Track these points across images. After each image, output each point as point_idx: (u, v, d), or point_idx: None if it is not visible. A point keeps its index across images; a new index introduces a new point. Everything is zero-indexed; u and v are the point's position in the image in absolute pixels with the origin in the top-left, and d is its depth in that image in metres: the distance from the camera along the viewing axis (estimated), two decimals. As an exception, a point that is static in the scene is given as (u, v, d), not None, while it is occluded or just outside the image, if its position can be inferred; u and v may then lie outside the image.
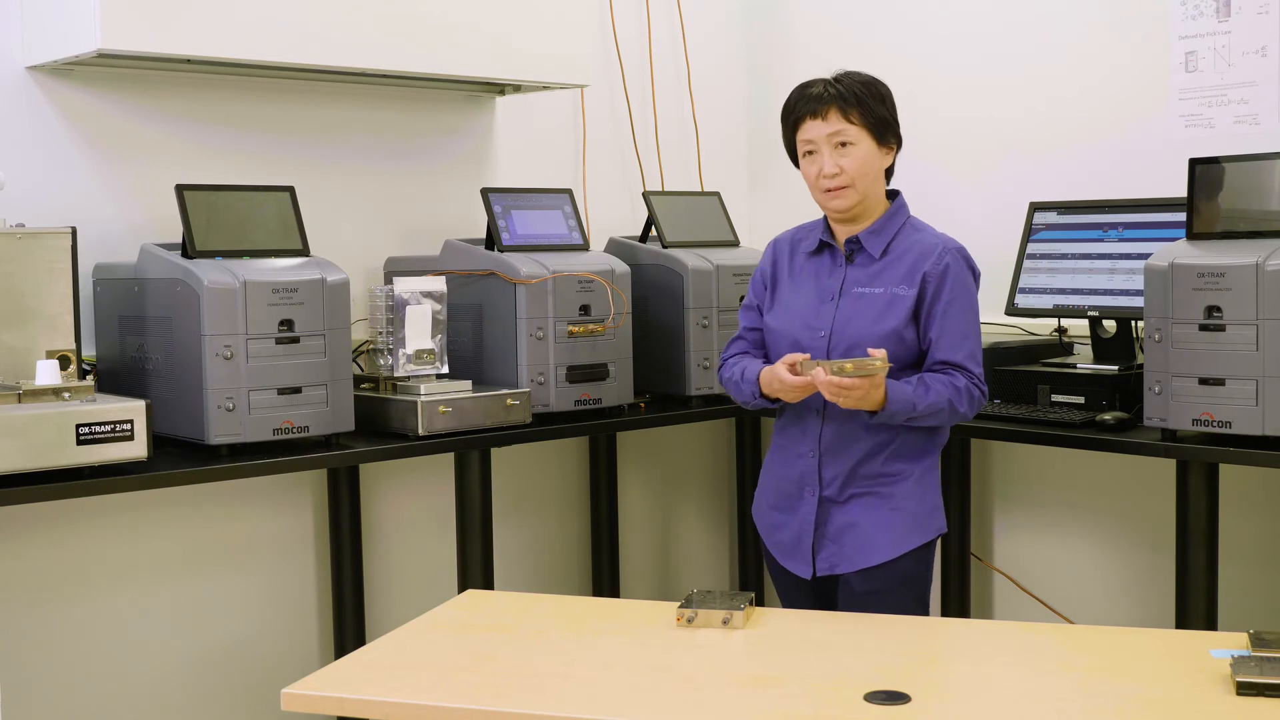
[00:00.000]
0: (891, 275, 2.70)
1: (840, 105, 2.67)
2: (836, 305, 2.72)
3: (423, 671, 2.16)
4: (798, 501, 2.76)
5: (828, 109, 2.68)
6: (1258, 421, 2.78)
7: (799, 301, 2.77)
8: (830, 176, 2.67)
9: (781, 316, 2.79)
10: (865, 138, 2.68)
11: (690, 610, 2.35)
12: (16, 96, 3.12)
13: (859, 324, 2.68)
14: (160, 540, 3.34)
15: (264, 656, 3.51)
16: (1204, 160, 3.01)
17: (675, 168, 4.31)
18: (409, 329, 3.18)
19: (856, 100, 2.67)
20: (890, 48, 4.11)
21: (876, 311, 2.69)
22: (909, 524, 2.70)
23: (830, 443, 2.71)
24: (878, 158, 2.71)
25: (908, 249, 2.72)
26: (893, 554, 2.67)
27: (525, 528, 4.00)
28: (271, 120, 3.49)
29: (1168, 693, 2.00)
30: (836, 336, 2.69)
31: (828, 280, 2.76)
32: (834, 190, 2.69)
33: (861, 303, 2.70)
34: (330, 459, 3.06)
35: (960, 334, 2.67)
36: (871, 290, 2.70)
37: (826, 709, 1.96)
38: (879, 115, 2.69)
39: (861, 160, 2.67)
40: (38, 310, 2.76)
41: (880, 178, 2.73)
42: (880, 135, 2.70)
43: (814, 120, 2.69)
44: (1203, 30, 3.49)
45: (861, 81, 2.71)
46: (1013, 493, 3.93)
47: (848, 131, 2.67)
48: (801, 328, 2.74)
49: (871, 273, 2.72)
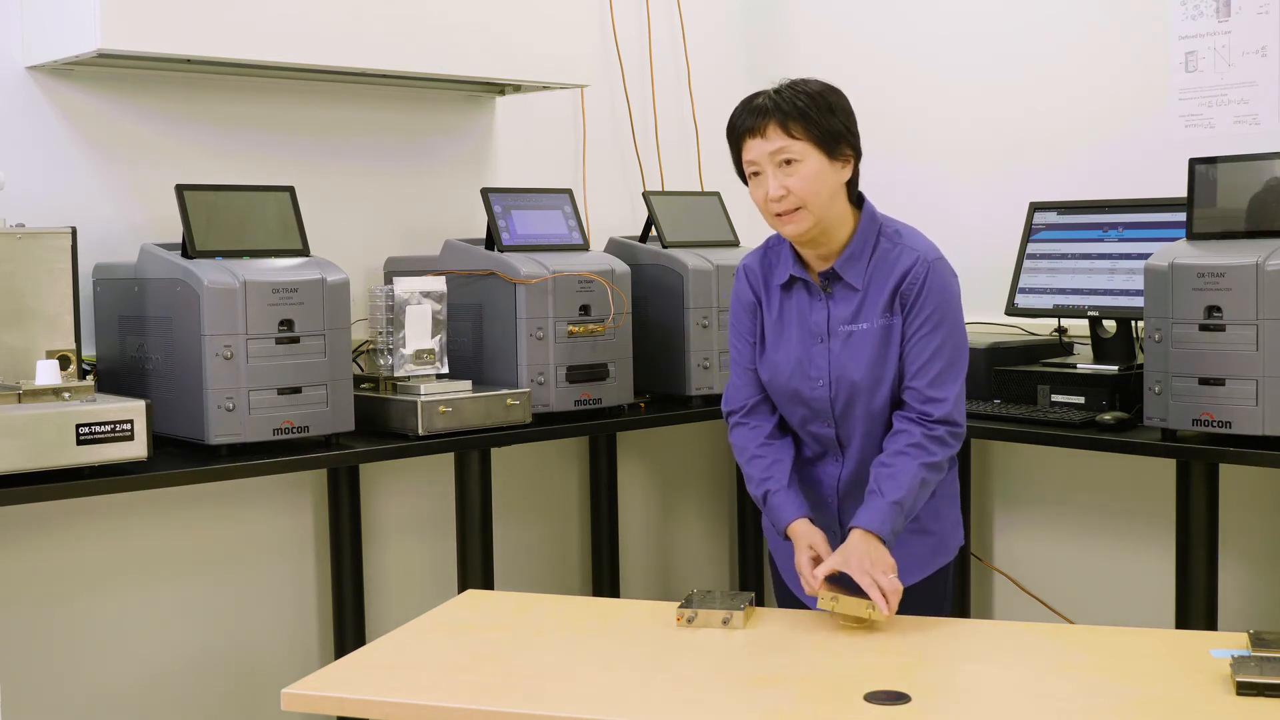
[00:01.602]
0: (874, 304, 2.49)
1: (779, 120, 2.41)
2: (828, 348, 2.51)
3: (423, 671, 2.16)
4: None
5: (766, 125, 2.41)
6: (1258, 421, 2.78)
7: (788, 348, 2.56)
8: (777, 200, 2.41)
9: (773, 369, 2.57)
10: (812, 153, 2.41)
11: (690, 610, 2.35)
12: (16, 96, 3.12)
13: (856, 368, 2.49)
14: (160, 540, 3.34)
15: (264, 656, 3.51)
16: (1204, 160, 3.01)
17: (675, 168, 4.31)
18: (409, 329, 3.18)
19: (799, 113, 2.40)
20: (890, 48, 4.11)
21: (873, 351, 2.48)
22: (934, 546, 2.60)
23: (847, 486, 2.57)
24: (830, 173, 2.43)
25: (887, 271, 2.48)
26: (918, 577, 2.56)
27: (525, 528, 4.00)
28: (271, 120, 3.49)
29: (1168, 693, 2.00)
30: (836, 385, 2.50)
31: (810, 318, 2.53)
32: (784, 215, 2.43)
33: (852, 342, 2.50)
34: (330, 459, 3.06)
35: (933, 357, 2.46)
36: (859, 326, 2.49)
37: (826, 709, 1.96)
38: (826, 127, 2.41)
39: (809, 179, 2.41)
40: (38, 310, 2.76)
41: (838, 194, 2.46)
42: (830, 149, 2.42)
43: (754, 139, 2.43)
44: (1203, 30, 3.49)
45: (806, 93, 2.43)
46: (1013, 493, 3.93)
47: (791, 148, 2.40)
48: (799, 378, 2.53)
49: (855, 306, 2.50)
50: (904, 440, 2.45)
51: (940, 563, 2.61)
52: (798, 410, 2.56)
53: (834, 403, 2.51)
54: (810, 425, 2.57)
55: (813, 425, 2.56)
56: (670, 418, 3.59)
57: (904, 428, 2.47)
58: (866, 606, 2.28)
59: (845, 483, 2.57)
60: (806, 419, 2.56)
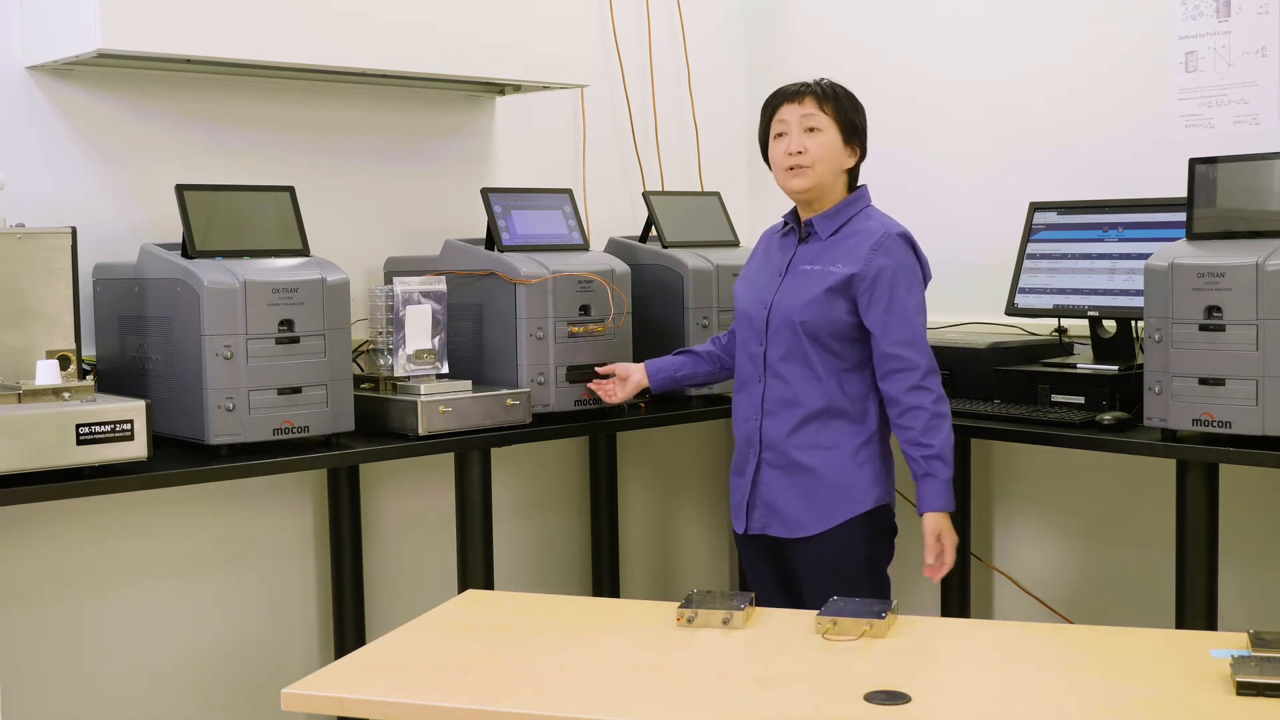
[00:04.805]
0: (833, 255, 2.90)
1: (818, 96, 2.92)
2: (781, 281, 2.95)
3: (423, 671, 2.16)
4: (745, 464, 3.00)
5: (807, 96, 2.92)
6: (1258, 421, 2.78)
7: (760, 278, 3.01)
8: (794, 154, 2.89)
9: (742, 291, 3.06)
10: (833, 129, 2.91)
11: (690, 610, 2.35)
12: (16, 96, 3.12)
13: (792, 299, 2.90)
14: (160, 540, 3.34)
15: (264, 656, 3.51)
16: (1204, 160, 3.01)
17: (675, 168, 4.31)
18: (409, 329, 3.18)
19: (834, 97, 2.93)
20: (890, 48, 4.11)
21: (808, 286, 2.89)
22: (838, 497, 2.89)
23: (771, 405, 2.94)
24: (841, 152, 2.92)
25: (855, 232, 2.91)
26: (821, 528, 2.90)
27: (525, 528, 4.00)
28: (271, 120, 3.49)
29: (1168, 693, 2.00)
30: (774, 309, 2.93)
31: (782, 258, 2.99)
32: (795, 169, 2.90)
33: (800, 278, 2.92)
34: (330, 459, 3.06)
35: (903, 320, 2.85)
36: (812, 268, 2.91)
37: (826, 709, 1.96)
38: (850, 118, 2.93)
39: (825, 146, 2.90)
40: (38, 310, 2.76)
41: (840, 174, 2.94)
42: (848, 134, 2.93)
43: (792, 104, 2.93)
44: (1203, 30, 3.49)
45: (842, 88, 2.96)
46: (1013, 493, 3.93)
47: (818, 118, 2.90)
48: (753, 301, 2.99)
49: (816, 250, 2.93)
50: (894, 411, 2.88)
51: (844, 515, 2.89)
52: (743, 329, 3.01)
53: (769, 323, 2.92)
54: (749, 347, 2.98)
55: (750, 346, 2.97)
56: (670, 418, 3.59)
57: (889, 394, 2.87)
58: (861, 628, 2.28)
59: (769, 402, 2.94)
60: (747, 339, 2.99)
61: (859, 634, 2.26)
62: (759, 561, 3.04)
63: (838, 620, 2.28)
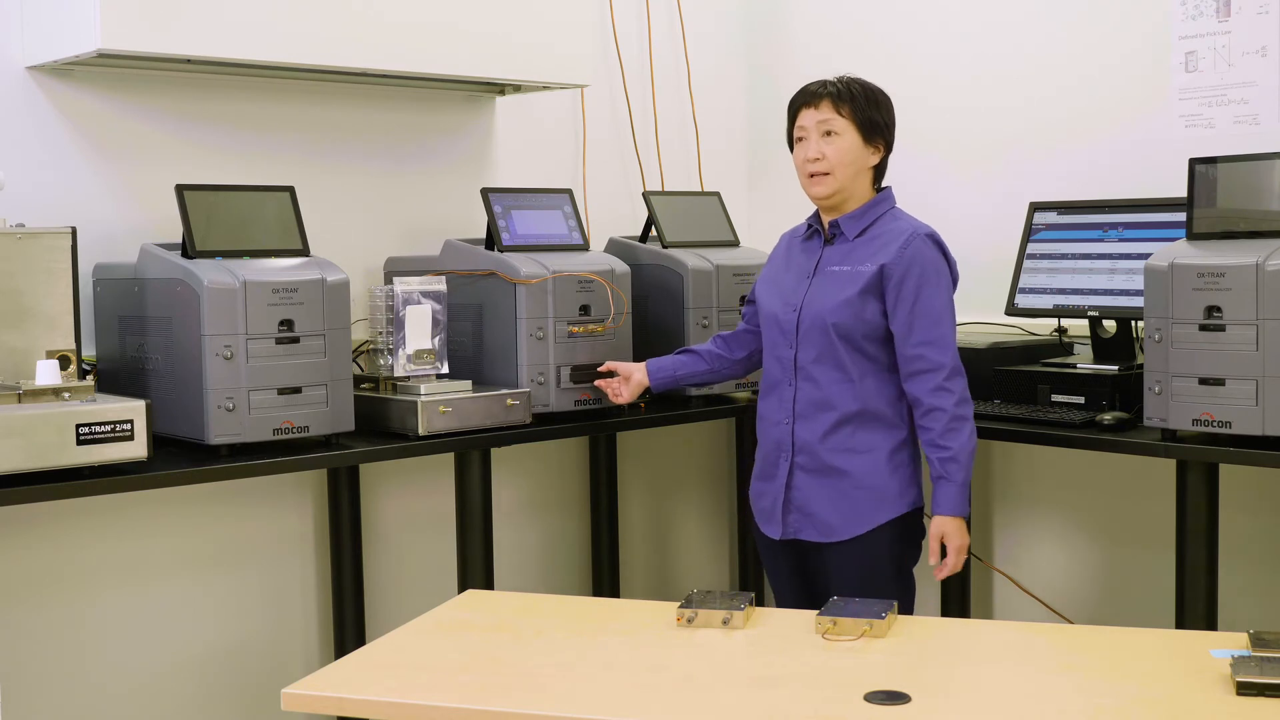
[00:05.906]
0: (861, 255, 2.89)
1: (833, 99, 2.89)
2: (810, 283, 2.93)
3: (423, 671, 2.16)
4: (775, 468, 2.96)
5: (822, 100, 2.90)
6: (1258, 421, 2.78)
7: (786, 280, 2.99)
8: (812, 161, 2.89)
9: (765, 294, 3.03)
10: (851, 131, 2.88)
11: (690, 610, 2.35)
12: (16, 96, 3.12)
13: (823, 300, 2.88)
14: (160, 540, 3.34)
15: (264, 656, 3.51)
16: (1204, 160, 3.01)
17: (675, 168, 4.31)
18: (409, 329, 3.18)
19: (849, 97, 2.89)
20: (890, 48, 4.11)
21: (839, 287, 2.87)
22: (873, 501, 2.87)
23: (803, 408, 2.91)
24: (861, 153, 2.90)
25: (882, 233, 2.90)
26: (855, 532, 2.87)
27: (525, 528, 4.00)
28: (271, 120, 3.49)
29: (1168, 693, 2.00)
30: (805, 311, 2.90)
31: (808, 261, 2.97)
32: (815, 176, 2.89)
33: (829, 280, 2.90)
34: (330, 459, 3.06)
35: (929, 320, 2.83)
36: (841, 268, 2.90)
37: (826, 709, 1.96)
38: (869, 116, 2.89)
39: (843, 150, 2.88)
40: (38, 310, 2.76)
41: (863, 173, 2.92)
42: (867, 133, 2.89)
43: (808, 109, 2.92)
44: (1203, 30, 3.49)
45: (861, 85, 2.93)
46: (1013, 493, 3.93)
47: (835, 122, 2.88)
48: (781, 305, 2.96)
49: (844, 252, 2.91)
50: (917, 412, 2.85)
51: (880, 519, 2.87)
52: (771, 332, 2.98)
53: (799, 326, 2.90)
54: (778, 350, 2.96)
55: (779, 350, 2.95)
56: (670, 418, 3.59)
57: (913, 395, 2.85)
58: (861, 628, 2.28)
59: (800, 406, 2.92)
60: (775, 342, 2.96)
61: (859, 634, 2.26)
62: (784, 565, 3.01)
63: (838, 620, 2.28)
